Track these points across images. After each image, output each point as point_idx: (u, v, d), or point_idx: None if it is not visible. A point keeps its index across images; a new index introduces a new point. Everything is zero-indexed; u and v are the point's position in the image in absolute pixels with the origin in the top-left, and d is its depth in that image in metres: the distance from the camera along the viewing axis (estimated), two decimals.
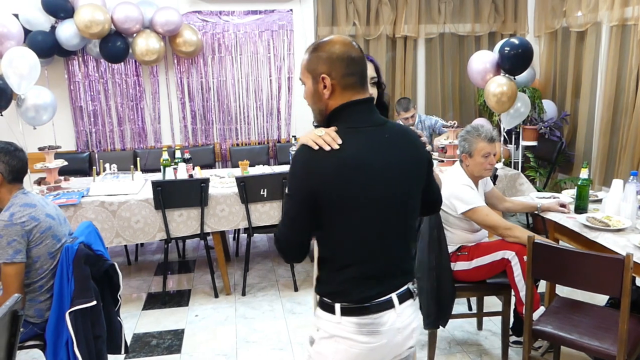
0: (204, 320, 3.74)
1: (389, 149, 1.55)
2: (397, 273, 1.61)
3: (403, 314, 1.59)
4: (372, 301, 1.55)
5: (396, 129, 1.62)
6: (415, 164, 1.62)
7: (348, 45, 1.54)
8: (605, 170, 5.09)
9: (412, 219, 1.66)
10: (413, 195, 1.63)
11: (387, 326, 1.56)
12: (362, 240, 1.55)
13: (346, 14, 5.70)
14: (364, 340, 1.55)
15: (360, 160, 1.50)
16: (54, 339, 2.45)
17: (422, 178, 1.65)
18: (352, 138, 1.52)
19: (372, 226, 1.54)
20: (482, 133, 2.96)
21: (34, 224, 2.41)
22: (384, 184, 1.53)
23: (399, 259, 1.62)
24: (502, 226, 2.89)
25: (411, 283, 1.65)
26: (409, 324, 1.61)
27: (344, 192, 1.50)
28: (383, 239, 1.57)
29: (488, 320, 3.56)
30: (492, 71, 4.82)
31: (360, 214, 1.52)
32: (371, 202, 1.52)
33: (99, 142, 5.58)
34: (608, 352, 2.30)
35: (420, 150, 1.66)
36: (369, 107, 1.59)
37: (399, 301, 1.58)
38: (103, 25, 4.75)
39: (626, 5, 4.67)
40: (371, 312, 1.55)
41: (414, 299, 1.64)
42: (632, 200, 2.83)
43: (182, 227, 3.96)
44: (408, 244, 1.66)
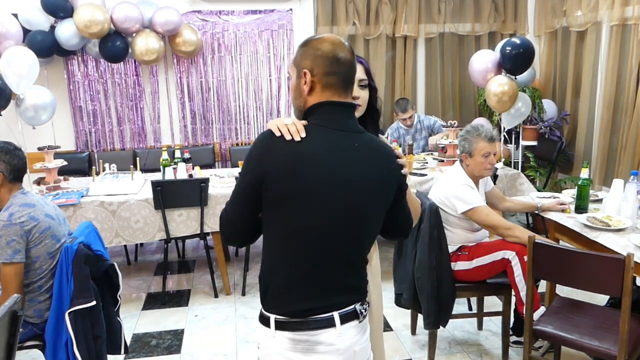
0: (204, 320, 3.73)
1: (353, 158, 1.47)
2: (340, 290, 1.48)
3: (345, 335, 1.47)
4: (308, 317, 1.44)
5: (370, 143, 1.53)
6: (379, 183, 1.51)
7: (337, 45, 1.48)
8: (605, 170, 5.08)
9: (364, 237, 1.53)
10: (369, 213, 1.51)
11: (325, 346, 1.45)
12: (300, 245, 1.45)
13: (346, 13, 5.69)
14: (299, 358, 1.45)
15: (316, 157, 1.43)
16: (54, 339, 2.44)
17: (385, 199, 1.55)
18: (317, 136, 1.45)
19: (313, 232, 1.44)
20: (482, 133, 2.96)
21: (33, 224, 2.41)
22: (336, 191, 1.43)
23: (344, 275, 1.49)
24: (503, 226, 2.88)
25: (359, 304, 1.52)
26: (350, 346, 1.48)
27: (290, 184, 1.42)
28: (326, 251, 1.45)
29: (488, 320, 3.55)
30: (493, 71, 4.81)
31: (303, 215, 1.43)
32: (316, 205, 1.43)
33: (98, 142, 5.57)
34: (609, 352, 2.30)
35: (391, 171, 1.55)
36: (346, 112, 1.52)
37: (340, 320, 1.46)
38: (102, 25, 4.74)
39: (626, 4, 4.67)
40: (307, 329, 1.44)
41: (360, 320, 1.51)
42: (632, 200, 2.83)
43: (181, 227, 3.96)
44: (357, 262, 1.53)
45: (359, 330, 1.51)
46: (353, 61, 1.52)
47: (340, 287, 1.49)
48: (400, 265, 3.06)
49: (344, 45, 1.51)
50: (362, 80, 1.78)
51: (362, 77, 1.78)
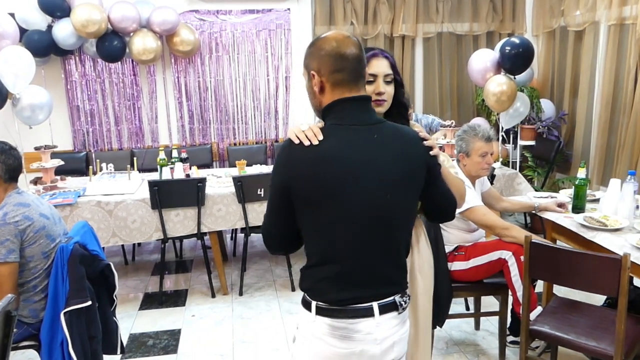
0: (201, 321, 3.73)
1: (375, 149, 1.49)
2: (379, 281, 1.52)
3: (383, 325, 1.51)
4: (348, 305, 1.49)
5: (390, 130, 1.55)
6: (404, 170, 1.52)
7: (341, 41, 1.49)
8: (603, 170, 5.08)
9: (398, 227, 1.55)
10: (400, 202, 1.52)
11: (363, 334, 1.49)
12: (336, 240, 1.50)
13: (344, 13, 5.69)
14: (336, 344, 1.50)
15: (336, 157, 1.46)
16: (49, 339, 2.43)
17: (415, 183, 1.56)
18: (334, 135, 1.48)
19: (346, 226, 1.48)
20: (479, 132, 2.96)
21: (27, 223, 2.40)
22: (361, 184, 1.47)
23: (381, 267, 1.52)
24: (500, 226, 2.88)
25: (399, 295, 1.55)
26: (388, 336, 1.52)
27: (315, 187, 1.46)
28: (360, 243, 1.49)
29: (485, 320, 3.55)
30: (492, 70, 4.81)
31: (334, 212, 1.48)
32: (345, 203, 1.47)
33: (95, 141, 5.57)
34: (605, 352, 2.29)
35: (418, 154, 1.56)
36: (361, 105, 1.53)
37: (379, 311, 1.50)
38: (100, 25, 4.73)
39: (624, 4, 4.67)
40: (346, 317, 1.49)
41: (399, 312, 1.54)
42: (629, 199, 2.82)
43: (179, 227, 3.95)
44: (393, 253, 1.55)
45: (398, 321, 1.54)
46: (360, 54, 1.51)
47: (379, 279, 1.52)
48: None
49: (349, 40, 1.50)
50: (388, 75, 1.79)
51: (387, 72, 1.78)
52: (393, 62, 1.82)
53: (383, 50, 1.83)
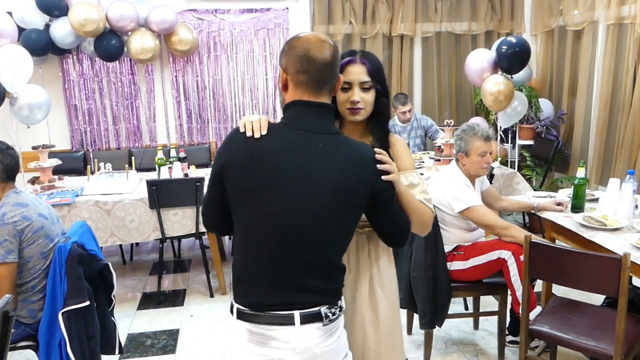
0: (199, 320, 3.72)
1: (313, 159, 1.44)
2: (301, 290, 1.46)
3: (305, 335, 1.44)
4: (266, 311, 1.45)
5: (340, 144, 1.48)
6: (341, 187, 1.44)
7: (312, 44, 1.46)
8: (601, 169, 5.08)
9: (325, 241, 1.47)
10: (328, 217, 1.45)
11: (281, 342, 1.45)
12: (256, 240, 1.47)
13: (342, 12, 5.68)
14: (254, 349, 1.47)
15: (270, 155, 1.44)
16: (47, 339, 2.42)
17: (351, 203, 1.48)
18: (278, 133, 1.47)
19: (267, 228, 1.45)
20: (478, 132, 2.95)
21: (26, 223, 2.39)
22: (286, 190, 1.43)
23: (303, 276, 1.46)
24: (499, 225, 2.87)
25: (326, 307, 1.47)
26: (310, 347, 1.45)
27: (244, 180, 1.46)
28: (283, 249, 1.45)
29: (484, 320, 3.55)
30: (489, 70, 4.81)
31: (256, 210, 1.46)
32: (268, 202, 1.44)
33: (93, 141, 5.55)
34: (605, 352, 2.29)
35: (361, 174, 1.48)
36: (316, 112, 1.49)
37: (301, 320, 1.44)
38: (98, 24, 4.72)
39: (623, 4, 4.66)
40: (264, 322, 1.45)
41: (325, 324, 1.47)
42: (628, 199, 2.82)
43: (177, 226, 3.94)
44: (319, 264, 1.48)
45: (322, 333, 1.48)
46: (331, 61, 1.47)
47: (301, 288, 1.46)
48: (396, 265, 3.04)
49: (323, 44, 1.47)
50: (364, 82, 1.68)
51: (363, 79, 1.68)
52: (373, 69, 1.69)
53: (364, 55, 1.72)
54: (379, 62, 1.74)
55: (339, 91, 1.67)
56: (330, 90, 1.53)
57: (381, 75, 1.72)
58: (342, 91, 1.68)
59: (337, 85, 1.56)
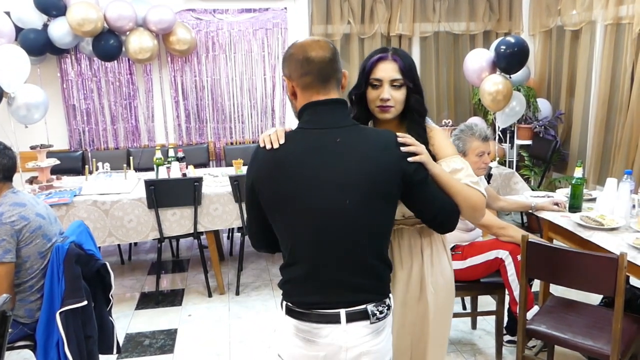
0: (198, 320, 3.72)
1: (335, 153, 1.46)
2: (346, 288, 1.48)
3: (351, 333, 1.46)
4: (313, 309, 1.48)
5: (358, 134, 1.50)
6: (368, 175, 1.45)
7: (307, 45, 1.50)
8: (599, 169, 5.09)
9: (364, 234, 1.48)
10: (362, 208, 1.46)
11: (328, 340, 1.47)
12: (298, 243, 1.50)
13: (340, 12, 5.68)
14: (301, 345, 1.50)
15: (291, 161, 1.48)
16: (45, 339, 2.42)
17: (382, 190, 1.47)
18: (296, 139, 1.50)
19: (305, 230, 1.48)
20: (475, 132, 2.95)
21: (23, 223, 2.39)
22: (317, 190, 1.45)
23: (347, 274, 1.48)
24: (496, 225, 2.88)
25: (373, 304, 1.49)
26: (357, 345, 1.47)
27: (273, 189, 1.50)
28: (320, 247, 1.47)
29: (482, 320, 3.55)
30: (487, 70, 4.81)
31: (292, 215, 1.49)
32: (302, 205, 1.47)
33: (92, 140, 5.54)
34: (602, 352, 2.29)
35: (387, 160, 1.48)
36: (328, 108, 1.51)
37: (347, 319, 1.46)
38: (96, 24, 4.71)
39: (621, 3, 4.67)
40: (310, 320, 1.48)
41: (372, 322, 1.48)
42: (625, 199, 2.83)
43: (175, 226, 3.94)
44: (361, 260, 1.48)
45: (369, 331, 1.49)
46: (329, 57, 1.50)
47: (346, 286, 1.48)
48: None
49: (318, 43, 1.50)
50: (395, 80, 1.68)
51: (393, 76, 1.68)
52: (404, 66, 1.69)
53: (396, 52, 1.72)
54: (411, 60, 1.73)
55: (369, 89, 1.70)
56: (338, 85, 1.55)
57: (413, 73, 1.72)
58: (373, 88, 1.70)
59: (344, 80, 1.58)
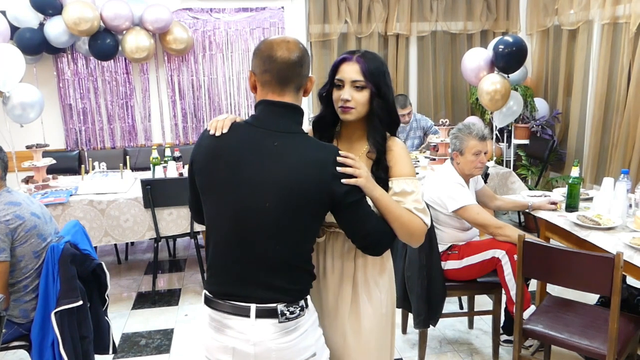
0: (194, 320, 3.70)
1: (267, 157, 1.46)
2: (257, 285, 1.49)
3: (259, 329, 1.47)
4: (226, 300, 1.50)
5: (297, 144, 1.49)
6: (293, 188, 1.44)
7: (275, 44, 1.49)
8: (596, 169, 5.09)
9: (279, 240, 1.48)
10: (281, 217, 1.46)
11: (236, 331, 1.49)
12: (218, 233, 1.54)
13: (338, 11, 5.67)
14: (212, 334, 1.54)
15: (225, 153, 1.50)
16: (40, 339, 2.41)
17: (306, 206, 1.46)
18: (237, 132, 1.52)
19: (223, 222, 1.51)
20: (473, 131, 2.95)
21: (18, 222, 2.37)
22: (239, 187, 1.47)
23: (258, 272, 1.49)
24: (493, 225, 2.88)
25: (284, 304, 1.48)
26: (264, 341, 1.48)
27: (205, 176, 1.54)
28: (235, 241, 1.49)
29: (479, 319, 3.55)
30: (485, 69, 4.81)
31: (216, 205, 1.53)
32: (222, 198, 1.50)
33: (88, 140, 5.53)
34: (598, 351, 2.29)
35: (315, 177, 1.45)
36: (277, 111, 1.52)
37: (256, 314, 1.47)
38: (92, 23, 4.70)
39: (617, 3, 4.68)
40: (222, 310, 1.51)
41: (280, 321, 1.48)
42: (622, 198, 2.83)
43: (172, 225, 3.93)
44: (275, 262, 1.49)
45: (278, 329, 1.49)
46: (294, 60, 1.49)
47: (259, 283, 1.49)
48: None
49: (287, 44, 1.50)
50: (356, 81, 1.64)
51: (354, 77, 1.64)
52: (367, 69, 1.63)
53: (363, 55, 1.66)
54: (379, 64, 1.67)
55: (334, 89, 1.68)
56: (298, 90, 1.55)
57: (377, 77, 1.65)
58: (337, 89, 1.68)
59: (309, 85, 1.58)
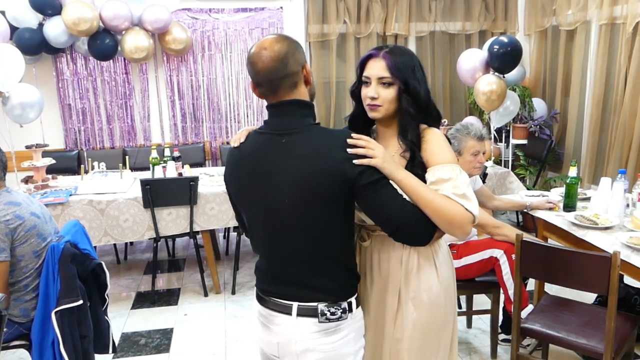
0: (194, 319, 3.72)
1: (279, 155, 1.49)
2: (297, 284, 1.52)
3: (300, 327, 1.51)
4: (271, 297, 1.58)
5: (305, 137, 1.49)
6: (308, 176, 1.45)
7: (256, 57, 1.51)
8: (594, 169, 5.11)
9: (308, 234, 1.49)
10: (304, 209, 1.47)
11: (280, 328, 1.55)
12: (255, 236, 1.64)
13: (336, 11, 5.68)
14: (260, 329, 1.65)
15: (242, 161, 1.58)
16: (40, 338, 2.42)
17: (322, 193, 1.45)
18: (251, 139, 1.59)
19: (256, 226, 1.60)
20: (471, 131, 2.96)
21: (18, 222, 2.38)
22: (259, 189, 1.52)
23: (297, 271, 1.53)
24: (491, 224, 2.89)
25: (325, 304, 1.50)
26: (305, 339, 1.51)
27: (234, 187, 1.64)
28: (270, 243, 1.57)
29: (477, 319, 3.56)
30: (481, 69, 4.82)
31: (248, 212, 1.62)
32: (251, 201, 1.58)
33: (87, 140, 5.54)
34: (596, 350, 2.31)
35: (328, 163, 1.44)
36: (273, 112, 1.55)
37: (297, 312, 1.51)
38: (91, 23, 4.70)
39: (615, 4, 4.69)
40: (268, 307, 1.59)
41: (320, 321, 1.50)
42: (619, 198, 2.84)
43: (171, 225, 3.94)
44: (310, 260, 1.51)
45: (318, 329, 1.51)
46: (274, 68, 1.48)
47: (298, 282, 1.53)
48: None
49: (262, 54, 1.49)
50: (382, 78, 1.61)
51: (380, 74, 1.61)
52: (393, 64, 1.60)
53: (390, 51, 1.63)
54: (407, 59, 1.64)
55: (362, 87, 1.67)
56: (293, 86, 1.52)
57: (405, 72, 1.61)
58: (364, 86, 1.67)
59: (306, 76, 1.56)
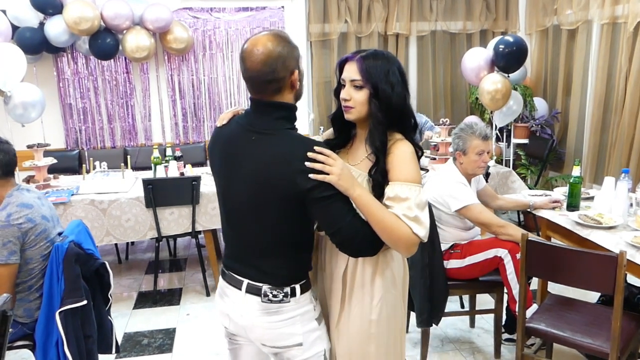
0: (196, 319, 3.71)
1: (246, 150, 1.58)
2: (249, 265, 1.64)
3: (248, 303, 1.62)
4: (229, 271, 1.69)
5: (270, 140, 1.53)
6: (263, 179, 1.52)
7: (248, 54, 1.55)
8: (595, 168, 5.11)
9: (259, 228, 1.58)
10: (258, 206, 1.56)
11: (231, 300, 1.67)
12: (221, 213, 1.73)
13: (338, 11, 5.68)
14: (218, 299, 1.75)
15: (219, 145, 1.67)
16: (44, 339, 2.41)
17: (276, 200, 1.52)
18: (230, 126, 1.67)
19: (222, 207, 1.71)
20: (476, 131, 2.95)
21: (30, 226, 2.35)
22: (225, 176, 1.65)
23: (249, 254, 1.64)
24: (496, 224, 2.88)
25: (269, 286, 1.59)
26: (249, 315, 1.62)
27: (211, 163, 1.75)
28: (230, 223, 1.69)
29: (481, 318, 3.56)
30: (486, 68, 4.82)
31: (217, 187, 1.72)
32: (218, 184, 1.71)
33: (88, 139, 5.53)
34: (601, 350, 2.30)
35: (284, 173, 1.49)
36: (255, 107, 1.61)
37: (246, 288, 1.62)
38: (92, 22, 4.69)
39: (616, 3, 4.69)
40: (224, 279, 1.71)
41: (264, 301, 1.59)
42: (623, 197, 2.84)
43: (173, 225, 3.93)
44: (258, 247, 1.61)
45: (261, 308, 1.61)
46: (262, 71, 1.52)
47: (249, 263, 1.64)
48: None
49: (254, 53, 1.53)
50: (354, 80, 1.62)
51: (352, 77, 1.63)
52: (364, 68, 1.60)
53: (366, 56, 1.63)
54: (381, 63, 1.62)
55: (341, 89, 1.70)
56: (277, 90, 1.57)
57: (377, 76, 1.60)
58: (342, 88, 1.70)
59: (293, 81, 1.58)
